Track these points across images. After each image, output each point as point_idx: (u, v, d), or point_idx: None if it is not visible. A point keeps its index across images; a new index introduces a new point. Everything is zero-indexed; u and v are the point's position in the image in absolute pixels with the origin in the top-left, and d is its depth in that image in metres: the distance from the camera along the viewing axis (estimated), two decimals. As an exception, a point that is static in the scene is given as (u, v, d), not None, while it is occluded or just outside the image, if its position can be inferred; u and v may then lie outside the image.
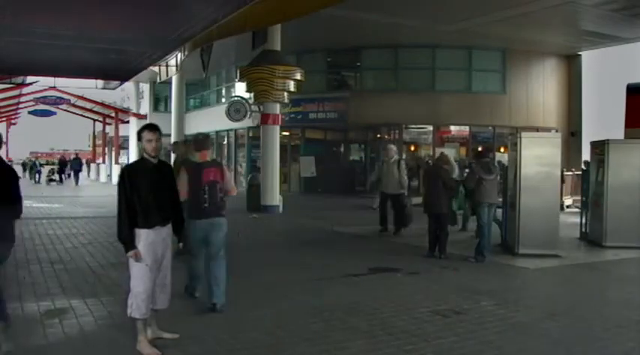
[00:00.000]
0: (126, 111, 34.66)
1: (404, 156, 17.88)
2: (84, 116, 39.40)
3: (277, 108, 15.30)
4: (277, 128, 15.44)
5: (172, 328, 4.43)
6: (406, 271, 7.18)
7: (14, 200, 4.17)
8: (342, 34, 18.38)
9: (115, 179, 25.51)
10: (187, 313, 5.08)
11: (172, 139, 23.14)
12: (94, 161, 39.99)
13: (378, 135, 21.54)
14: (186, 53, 15.03)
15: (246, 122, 19.86)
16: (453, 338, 4.54)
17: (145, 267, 4.05)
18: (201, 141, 5.35)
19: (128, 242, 4.03)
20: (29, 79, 21.31)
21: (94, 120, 39.47)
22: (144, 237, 4.06)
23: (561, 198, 13.58)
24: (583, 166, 16.00)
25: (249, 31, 13.44)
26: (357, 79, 22.00)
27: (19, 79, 19.52)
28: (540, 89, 21.04)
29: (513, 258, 8.17)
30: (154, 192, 4.15)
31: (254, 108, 17.04)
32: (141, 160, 4.21)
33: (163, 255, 4.20)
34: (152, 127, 4.23)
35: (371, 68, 21.25)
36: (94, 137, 41.98)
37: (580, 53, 21.24)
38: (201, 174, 5.10)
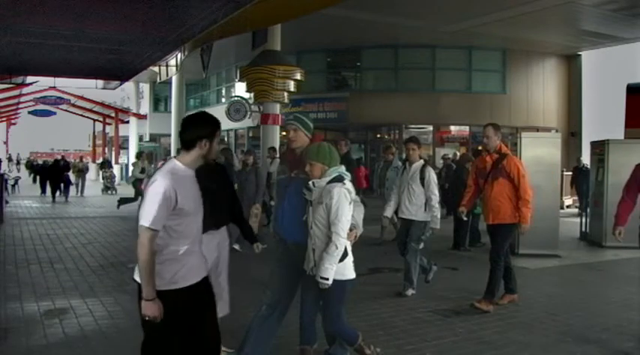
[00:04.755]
0: (126, 111, 34.65)
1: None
2: (84, 116, 39.39)
3: (277, 108, 15.28)
4: (277, 128, 15.43)
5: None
6: (406, 271, 7.17)
7: None
8: (342, 34, 18.38)
9: (116, 179, 25.36)
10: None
11: (173, 139, 23.27)
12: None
13: (378, 135, 21.53)
14: (186, 53, 15.03)
15: (246, 122, 19.83)
16: (453, 338, 4.54)
17: None
18: None
19: None
20: (29, 79, 21.32)
21: (94, 120, 39.45)
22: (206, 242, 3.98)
23: (561, 198, 13.57)
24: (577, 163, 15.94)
25: (249, 31, 13.44)
26: (357, 79, 22.00)
27: (19, 79, 19.55)
28: (540, 89, 21.04)
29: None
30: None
31: (254, 108, 17.03)
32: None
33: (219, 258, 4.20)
34: None
35: (371, 68, 21.25)
36: (94, 137, 41.96)
37: (580, 53, 21.25)
38: None
